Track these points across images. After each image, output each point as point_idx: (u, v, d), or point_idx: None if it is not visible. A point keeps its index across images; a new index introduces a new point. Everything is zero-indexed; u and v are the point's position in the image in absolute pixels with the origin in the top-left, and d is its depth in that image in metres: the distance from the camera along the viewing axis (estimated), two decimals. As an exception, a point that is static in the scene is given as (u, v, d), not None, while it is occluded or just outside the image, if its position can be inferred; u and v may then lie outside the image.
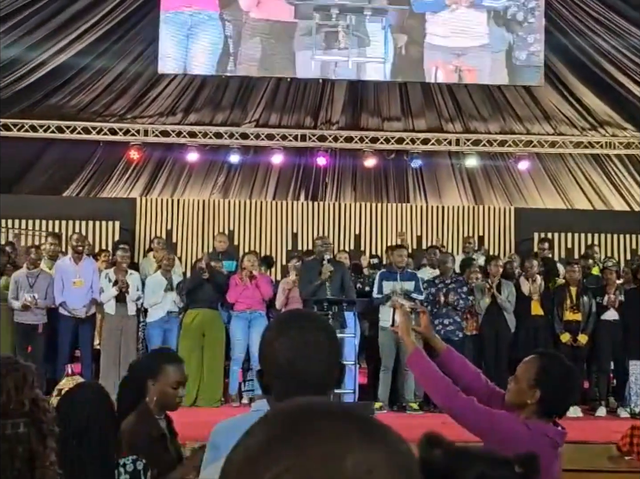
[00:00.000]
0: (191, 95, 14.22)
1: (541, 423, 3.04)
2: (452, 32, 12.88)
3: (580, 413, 9.19)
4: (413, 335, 3.40)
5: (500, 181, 15.54)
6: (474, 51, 13.03)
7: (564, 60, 13.77)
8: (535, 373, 3.07)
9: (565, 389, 3.06)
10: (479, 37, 13.02)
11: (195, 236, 14.54)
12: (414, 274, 9.73)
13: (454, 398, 3.13)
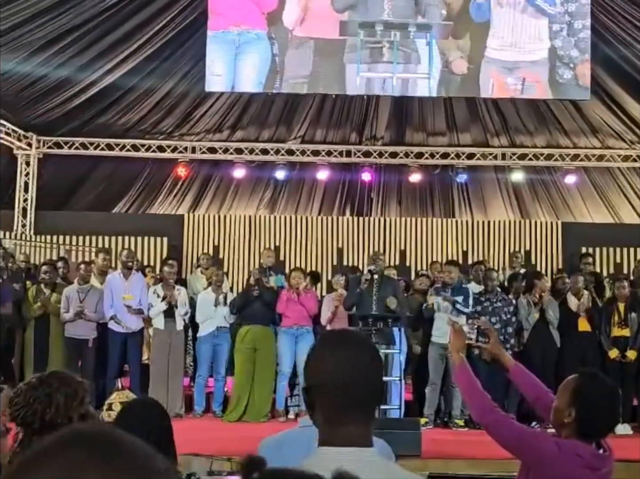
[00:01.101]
0: (238, 112, 14.39)
1: (575, 442, 3.03)
2: (508, 46, 12.80)
3: (630, 430, 9.08)
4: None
5: (547, 195, 15.43)
6: (527, 66, 12.93)
7: (611, 73, 13.66)
8: (571, 392, 3.08)
9: (601, 410, 3.01)
10: (534, 52, 12.92)
11: (242, 251, 14.67)
12: (466, 289, 9.69)
13: (489, 414, 3.16)
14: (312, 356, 1.85)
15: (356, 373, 1.75)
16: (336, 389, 1.74)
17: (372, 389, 1.77)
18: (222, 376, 9.92)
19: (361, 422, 1.75)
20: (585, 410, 3.04)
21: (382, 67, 12.72)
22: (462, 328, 3.56)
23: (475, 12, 12.82)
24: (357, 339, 1.89)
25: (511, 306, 9.49)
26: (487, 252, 14.63)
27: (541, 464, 3.04)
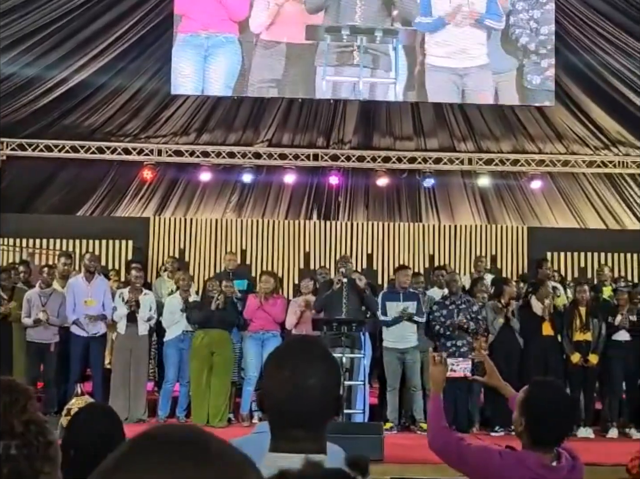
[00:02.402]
0: (204, 115, 14.32)
1: (522, 453, 3.03)
2: (452, 53, 12.94)
3: (591, 434, 9.15)
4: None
5: (513, 200, 15.53)
6: (476, 71, 13.07)
7: (575, 80, 13.78)
8: (520, 402, 3.09)
9: (548, 418, 2.98)
10: (479, 57, 13.07)
11: (208, 255, 14.60)
12: (417, 294, 9.71)
13: (438, 439, 3.22)
14: (267, 363, 1.83)
15: (306, 385, 1.72)
16: (285, 398, 1.72)
17: (323, 401, 1.73)
18: (187, 381, 9.84)
19: (311, 430, 1.72)
20: (532, 419, 3.04)
21: (349, 72, 12.75)
22: (444, 360, 3.52)
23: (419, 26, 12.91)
24: (313, 349, 1.85)
25: (474, 306, 9.53)
26: (454, 257, 14.70)
27: (488, 477, 3.04)
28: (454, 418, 9.18)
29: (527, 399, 3.08)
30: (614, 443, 8.84)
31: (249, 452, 2.01)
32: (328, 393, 1.74)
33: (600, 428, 9.45)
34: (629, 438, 9.09)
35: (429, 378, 9.22)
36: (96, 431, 3.24)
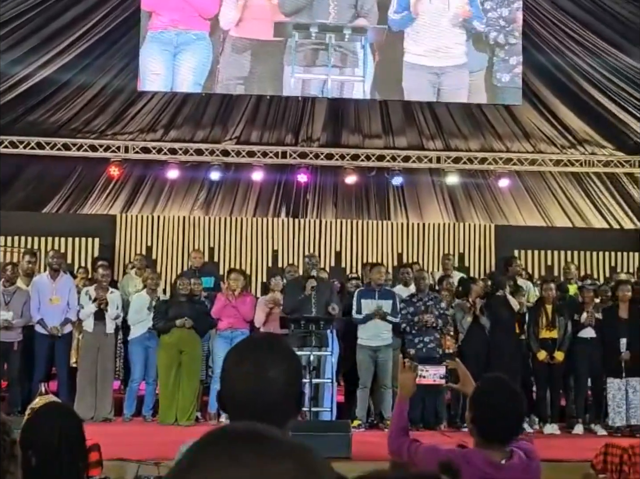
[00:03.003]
0: (172, 112, 14.23)
1: (469, 451, 3.02)
2: (431, 51, 12.96)
3: (557, 430, 9.21)
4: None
5: (481, 199, 15.60)
6: (453, 70, 13.11)
7: (543, 79, 13.87)
8: (470, 398, 3.09)
9: (494, 414, 2.95)
10: (458, 56, 13.10)
11: (176, 252, 14.50)
12: (393, 293, 9.71)
13: (395, 441, 3.25)
14: (227, 358, 1.80)
15: (267, 376, 1.69)
16: (246, 391, 1.69)
17: (285, 395, 1.70)
18: (153, 380, 9.76)
19: (274, 426, 1.69)
20: (479, 414, 3.03)
21: (318, 69, 12.72)
22: (414, 366, 3.50)
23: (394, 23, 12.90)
24: (274, 344, 1.82)
25: (442, 303, 9.56)
26: (422, 255, 14.74)
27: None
28: (421, 415, 9.20)
29: (475, 395, 3.08)
30: (579, 439, 8.91)
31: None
32: (290, 387, 1.70)
33: (566, 424, 9.51)
34: (594, 434, 9.16)
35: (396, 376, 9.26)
36: (54, 431, 3.20)
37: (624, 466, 6.20)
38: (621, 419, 9.14)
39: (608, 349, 9.29)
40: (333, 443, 6.88)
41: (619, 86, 13.41)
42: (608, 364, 9.30)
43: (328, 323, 8.88)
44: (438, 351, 9.37)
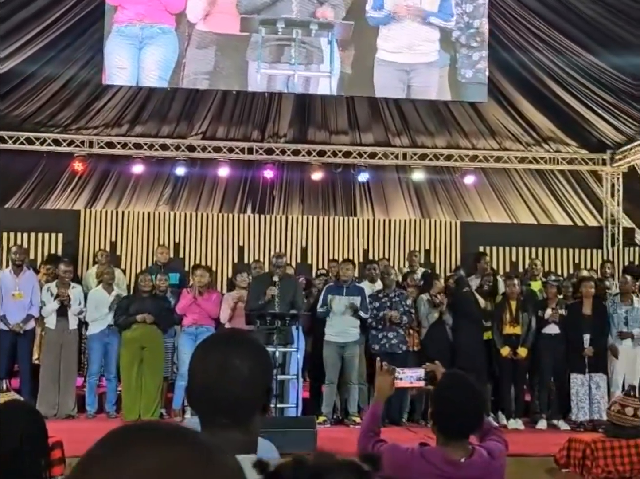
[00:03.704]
0: (137, 106, 14.11)
1: (428, 449, 3.02)
2: (402, 48, 12.97)
3: (521, 425, 9.28)
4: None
5: (447, 195, 15.67)
6: (423, 67, 13.14)
7: (508, 77, 13.95)
8: (431, 395, 3.10)
9: (453, 411, 2.95)
10: (429, 54, 13.13)
11: (141, 248, 14.38)
12: (361, 289, 9.70)
13: (361, 441, 3.27)
14: (195, 352, 1.78)
15: (233, 366, 1.67)
16: (212, 381, 1.67)
17: (251, 387, 1.68)
18: (113, 376, 9.69)
19: (241, 420, 1.67)
20: (438, 410, 3.04)
21: (284, 65, 12.68)
22: (392, 369, 3.48)
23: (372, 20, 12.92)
24: (239, 343, 1.80)
25: (408, 299, 9.58)
26: (388, 251, 14.76)
27: (397, 476, 3.02)
28: (387, 409, 9.21)
29: (435, 391, 3.08)
30: (543, 434, 8.99)
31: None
32: (257, 379, 1.68)
33: (530, 419, 9.59)
34: (557, 429, 9.25)
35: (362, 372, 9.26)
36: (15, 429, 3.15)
37: (586, 460, 6.27)
38: (584, 414, 9.23)
39: (572, 345, 9.37)
40: (298, 439, 6.87)
41: (584, 85, 13.53)
42: (572, 360, 9.38)
43: (293, 319, 8.86)
44: (402, 347, 9.39)
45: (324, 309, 9.38)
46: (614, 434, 6.33)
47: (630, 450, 6.24)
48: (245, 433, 1.66)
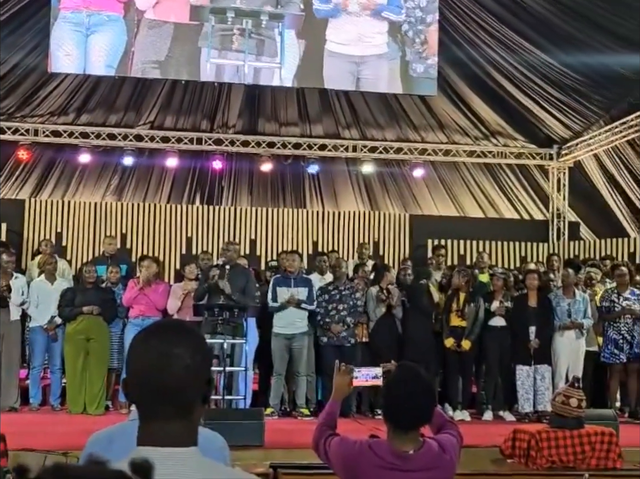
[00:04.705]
0: (84, 95, 13.89)
1: (375, 441, 3.02)
2: (352, 40, 12.96)
3: (467, 416, 9.36)
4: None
5: (396, 188, 15.74)
6: (373, 60, 13.15)
7: (458, 72, 14.04)
8: (382, 386, 3.10)
9: (401, 402, 2.95)
10: (378, 46, 13.14)
11: (87, 239, 14.19)
12: (309, 280, 9.68)
13: (315, 437, 3.24)
14: (132, 342, 1.74)
15: (172, 353, 1.62)
16: (150, 369, 1.63)
17: (191, 376, 1.63)
18: (57, 368, 9.54)
19: (181, 409, 1.62)
20: (387, 402, 3.05)
21: (234, 55, 12.58)
22: (349, 369, 3.46)
23: (318, 12, 12.89)
24: (182, 327, 1.75)
25: (357, 293, 9.59)
26: (337, 243, 14.78)
27: (346, 469, 3.01)
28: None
29: (385, 383, 3.08)
30: (488, 425, 9.07)
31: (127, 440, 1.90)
32: (197, 369, 1.64)
33: (476, 410, 9.68)
34: (502, 420, 9.34)
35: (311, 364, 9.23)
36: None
37: (531, 451, 6.34)
38: (529, 405, 9.34)
39: (517, 337, 9.46)
40: (246, 431, 6.83)
41: (532, 80, 13.67)
42: (517, 351, 9.48)
43: (242, 311, 8.80)
44: (350, 340, 9.39)
45: (277, 304, 9.33)
46: (558, 425, 6.40)
47: (574, 440, 6.32)
48: (186, 425, 1.62)
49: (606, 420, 7.09)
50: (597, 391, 9.65)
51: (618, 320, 9.60)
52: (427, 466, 2.93)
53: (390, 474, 2.89)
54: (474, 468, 6.08)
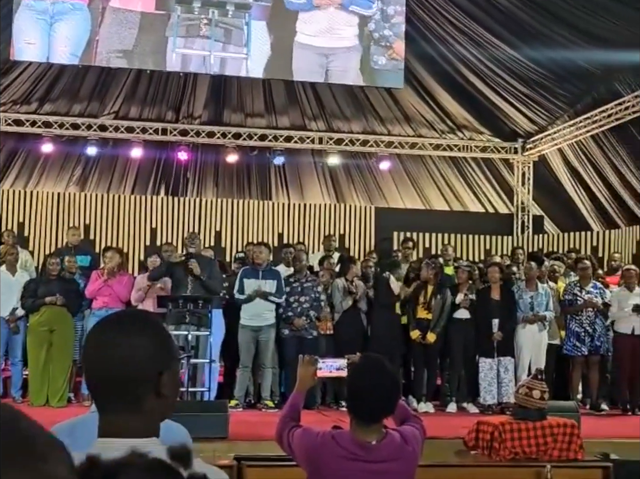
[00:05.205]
0: (47, 84, 13.72)
1: (337, 432, 3.01)
2: (321, 32, 12.93)
3: (431, 408, 9.39)
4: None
5: (362, 180, 15.75)
6: (342, 52, 13.13)
7: (425, 65, 14.07)
8: (347, 376, 3.09)
9: (364, 393, 2.95)
10: (348, 38, 13.13)
11: (49, 229, 14.03)
12: (277, 272, 9.62)
13: (278, 429, 3.21)
14: (85, 339, 1.71)
15: (109, 357, 1.59)
16: (95, 374, 1.61)
17: (131, 375, 1.60)
18: (18, 360, 9.41)
19: (129, 411, 1.59)
20: (351, 393, 3.05)
21: (200, 45, 12.49)
22: (314, 360, 3.43)
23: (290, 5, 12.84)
24: (128, 321, 1.71)
25: (320, 286, 9.57)
26: (303, 235, 14.76)
27: (309, 460, 3.01)
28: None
29: (349, 375, 3.07)
30: (452, 417, 9.10)
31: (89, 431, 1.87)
32: (145, 360, 1.60)
33: (440, 402, 9.71)
34: (466, 412, 9.39)
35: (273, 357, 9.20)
36: None
37: (494, 442, 6.36)
38: (492, 397, 9.39)
39: (481, 329, 9.51)
40: (210, 423, 6.79)
41: (499, 75, 13.75)
42: (481, 344, 9.53)
43: (207, 302, 8.74)
44: (312, 332, 9.38)
45: (243, 296, 9.28)
46: (521, 417, 6.44)
47: (537, 432, 6.36)
48: (139, 417, 1.59)
49: (568, 412, 7.14)
50: (560, 383, 9.73)
51: (580, 313, 9.68)
52: (389, 457, 2.93)
53: (353, 465, 2.88)
54: (437, 459, 6.09)
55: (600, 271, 10.80)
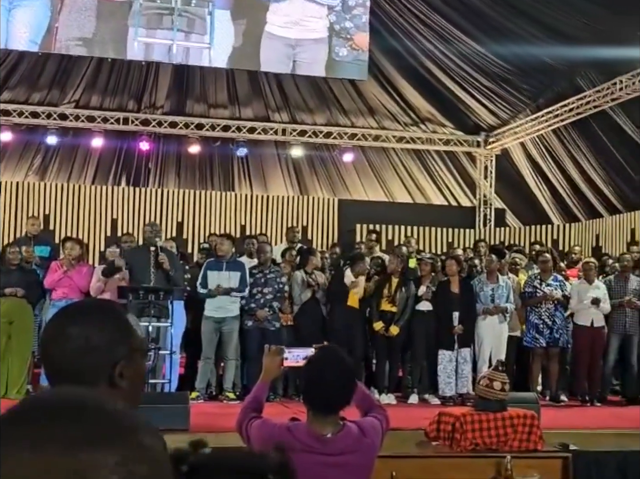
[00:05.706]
0: (5, 71, 13.48)
1: (293, 424, 2.99)
2: (291, 23, 12.87)
3: (393, 400, 9.41)
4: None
5: (325, 172, 15.73)
6: (309, 44, 13.08)
7: (389, 57, 14.08)
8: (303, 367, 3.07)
9: (320, 384, 2.93)
10: (316, 30, 13.08)
11: (8, 219, 13.82)
12: (242, 264, 9.54)
13: (239, 419, 3.17)
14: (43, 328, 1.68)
15: (56, 348, 1.55)
16: (49, 363, 1.57)
17: (81, 365, 1.55)
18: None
19: None
20: (306, 385, 3.04)
21: (163, 34, 12.37)
22: (279, 349, 3.39)
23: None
24: (83, 310, 1.67)
25: (283, 277, 9.53)
26: (266, 227, 14.70)
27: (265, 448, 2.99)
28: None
29: (304, 366, 3.04)
30: (414, 408, 9.13)
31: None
32: (96, 349, 1.55)
33: (402, 394, 9.74)
34: (428, 403, 9.42)
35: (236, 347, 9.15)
36: None
37: (455, 433, 6.39)
38: (450, 389, 9.44)
39: (441, 322, 9.54)
40: (170, 415, 6.73)
41: (462, 68, 13.79)
42: (441, 336, 9.56)
43: (168, 294, 8.67)
44: (274, 324, 9.35)
45: (205, 291, 9.20)
46: (482, 408, 6.47)
47: (497, 423, 6.39)
48: None
49: (528, 403, 7.20)
50: (520, 374, 9.81)
51: (540, 305, 9.75)
52: (346, 450, 2.91)
53: (308, 458, 2.84)
54: (399, 450, 6.11)
55: (562, 264, 10.89)
